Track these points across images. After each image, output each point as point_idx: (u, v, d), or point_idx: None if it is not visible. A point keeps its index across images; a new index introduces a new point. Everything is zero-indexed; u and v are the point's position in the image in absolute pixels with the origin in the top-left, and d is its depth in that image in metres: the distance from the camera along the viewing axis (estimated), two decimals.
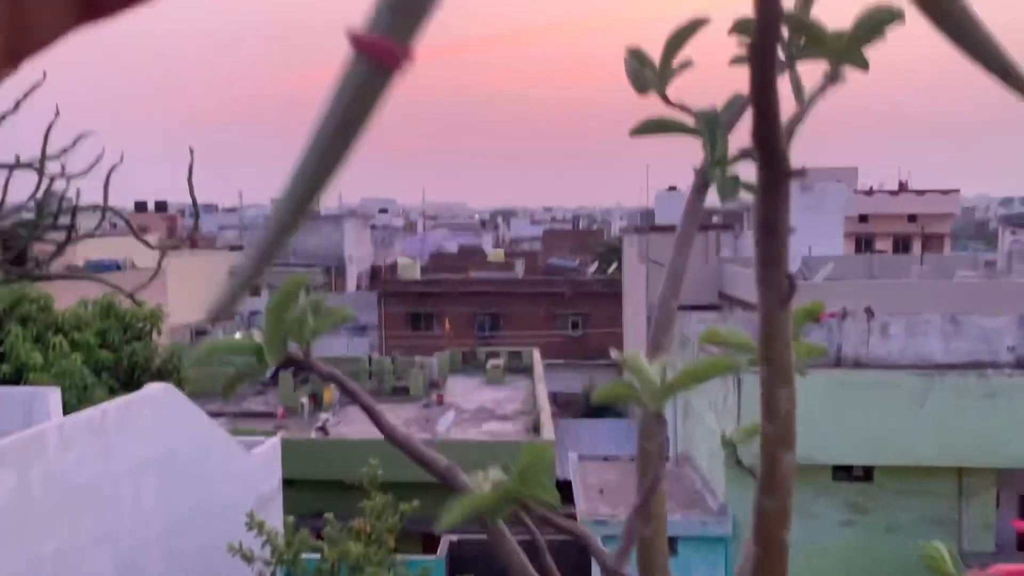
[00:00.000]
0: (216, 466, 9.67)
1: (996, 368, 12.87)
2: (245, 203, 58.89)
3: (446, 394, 20.62)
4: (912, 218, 33.86)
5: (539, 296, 30.80)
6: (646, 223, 29.87)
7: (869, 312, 14.00)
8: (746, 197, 0.86)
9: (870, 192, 35.68)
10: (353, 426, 17.38)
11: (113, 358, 12.13)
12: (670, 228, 22.42)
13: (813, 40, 0.63)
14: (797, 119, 0.63)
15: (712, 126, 0.79)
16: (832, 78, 0.63)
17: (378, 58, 0.33)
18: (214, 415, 14.49)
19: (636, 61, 0.77)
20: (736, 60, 0.68)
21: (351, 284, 36.02)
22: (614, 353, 0.74)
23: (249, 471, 10.34)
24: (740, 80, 0.53)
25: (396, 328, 29.98)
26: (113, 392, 11.15)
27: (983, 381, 11.65)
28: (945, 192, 35.53)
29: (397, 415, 18.61)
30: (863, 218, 33.88)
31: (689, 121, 0.80)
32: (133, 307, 11.49)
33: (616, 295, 28.47)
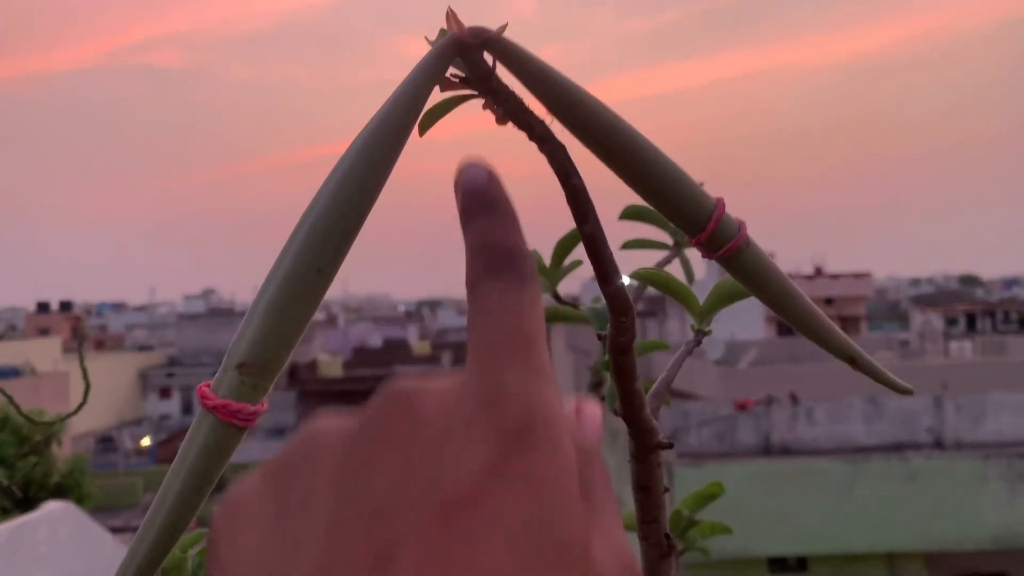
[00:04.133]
0: None
1: (916, 449, 13.12)
2: (157, 300, 57.42)
3: None
4: (829, 301, 35.04)
5: None
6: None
7: (794, 398, 14.19)
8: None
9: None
10: None
11: (6, 475, 11.34)
12: None
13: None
14: (664, 386, 0.68)
15: (602, 323, 0.79)
16: (697, 340, 0.69)
17: (226, 419, 0.37)
18: (118, 530, 13.64)
19: None
20: (626, 245, 0.79)
21: None
22: None
23: None
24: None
25: None
26: (6, 513, 10.38)
27: (905, 464, 11.82)
28: (858, 276, 36.99)
29: None
30: None
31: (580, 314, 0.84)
32: (29, 419, 10.83)
33: None
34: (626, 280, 0.96)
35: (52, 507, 8.99)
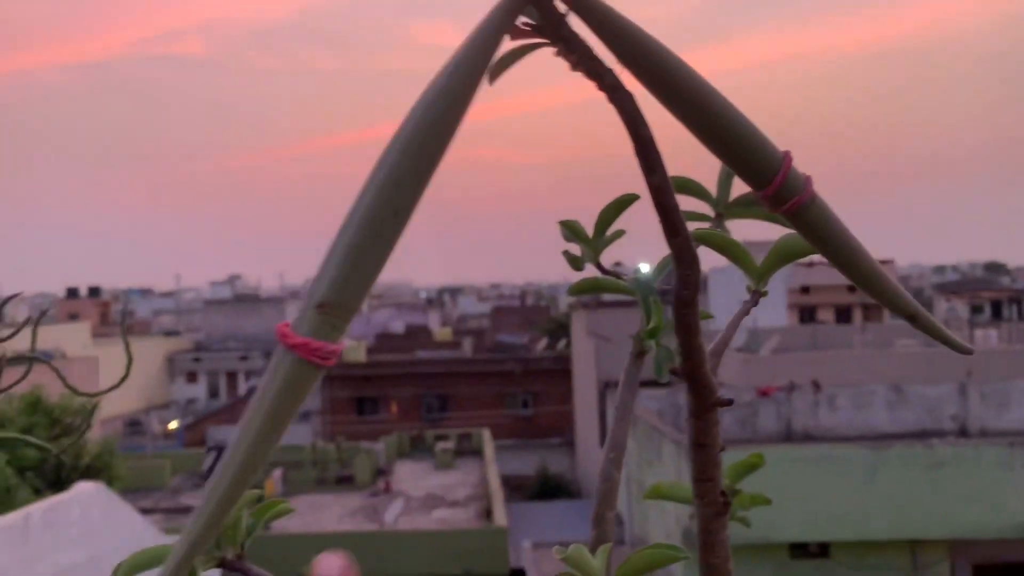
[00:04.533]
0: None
1: (941, 437, 13.00)
2: (183, 286, 57.90)
3: (394, 481, 20.07)
4: (852, 288, 34.72)
5: (488, 375, 30.53)
6: (594, 299, 30.11)
7: (816, 385, 14.11)
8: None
9: (811, 264, 36.64)
10: (295, 519, 16.74)
11: (39, 457, 11.53)
12: (617, 304, 22.60)
13: (742, 203, 0.73)
14: (723, 344, 0.69)
15: (645, 293, 0.78)
16: (754, 300, 0.69)
17: (307, 357, 0.37)
18: (147, 511, 13.81)
19: (569, 232, 0.80)
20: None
21: None
22: (557, 552, 0.66)
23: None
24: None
25: (340, 413, 29.30)
26: (39, 493, 10.55)
27: (929, 451, 11.72)
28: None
29: (342, 506, 18.00)
30: (805, 289, 34.62)
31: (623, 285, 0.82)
32: (62, 401, 10.97)
33: (566, 372, 28.36)
34: (645, 267, 0.96)
35: (84, 488, 9.15)
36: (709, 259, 0.83)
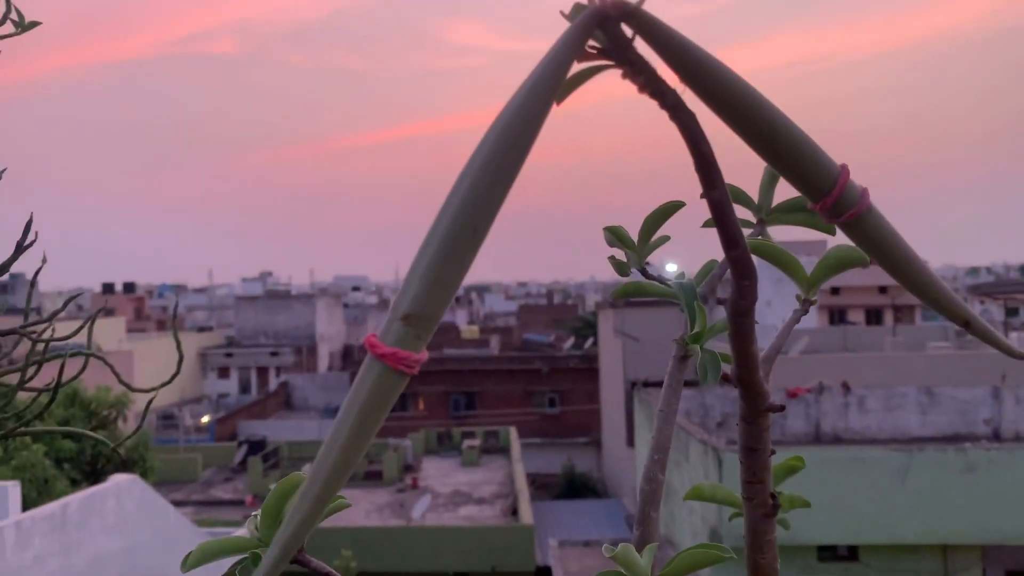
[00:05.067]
0: (181, 560, 9.27)
1: (974, 441, 12.83)
2: (215, 283, 58.48)
3: (421, 477, 20.17)
4: (883, 289, 34.31)
5: (515, 373, 30.56)
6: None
7: (846, 387, 13.97)
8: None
9: None
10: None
11: (76, 448, 11.73)
12: (644, 304, 22.52)
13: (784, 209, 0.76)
14: (775, 351, 0.70)
15: (690, 298, 0.80)
16: (804, 309, 0.70)
17: (394, 365, 0.39)
18: (179, 503, 14.00)
19: (614, 238, 0.82)
20: (707, 223, 0.76)
21: (323, 364, 35.54)
22: (606, 550, 0.68)
23: (215, 564, 9.92)
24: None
25: None
26: (76, 484, 10.74)
27: (962, 455, 11.57)
28: None
29: (370, 501, 18.12)
30: (835, 291, 34.27)
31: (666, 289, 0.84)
32: (97, 394, 11.14)
33: (593, 370, 28.31)
34: (673, 267, 0.98)
35: (119, 479, 9.31)
36: None
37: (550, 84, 0.45)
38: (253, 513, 0.79)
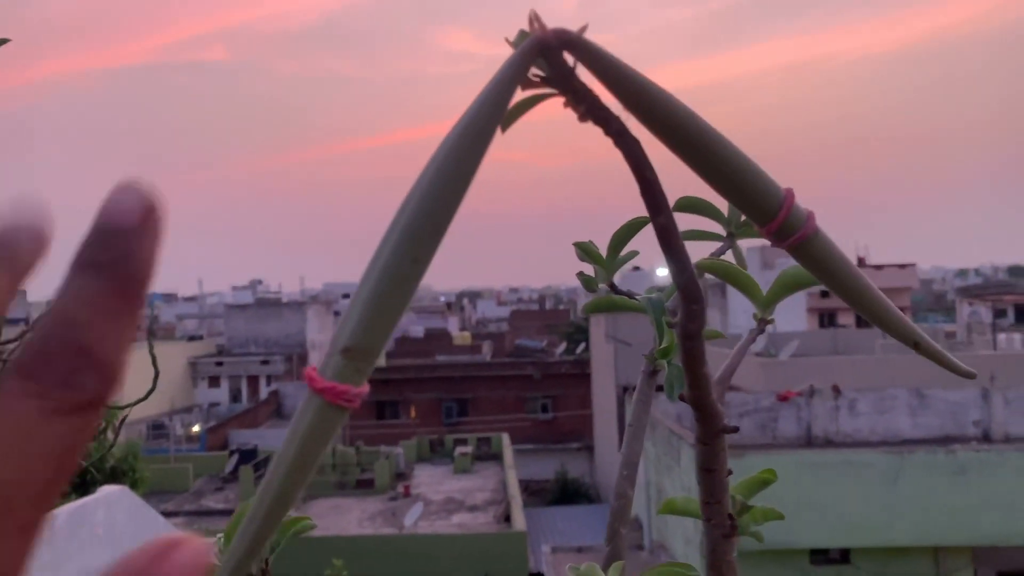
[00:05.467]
0: None
1: (964, 443, 12.88)
2: (205, 291, 58.33)
3: (413, 484, 20.13)
4: None
5: (507, 379, 30.56)
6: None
7: (836, 390, 14.02)
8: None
9: None
10: (316, 522, 16.81)
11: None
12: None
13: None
14: (729, 372, 0.71)
15: (658, 314, 0.80)
16: (760, 329, 0.72)
17: (333, 400, 0.39)
18: (170, 514, 13.94)
19: (582, 253, 0.84)
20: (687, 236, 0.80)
21: None
22: (570, 570, 0.68)
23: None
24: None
25: (360, 417, 29.45)
26: (64, 496, 10.67)
27: (952, 457, 11.62)
28: (902, 266, 36.31)
29: (362, 509, 18.07)
30: (824, 293, 34.37)
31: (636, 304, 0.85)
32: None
33: (585, 376, 28.33)
34: (663, 271, 0.98)
35: (109, 490, 9.23)
36: None
37: (492, 113, 0.45)
38: (217, 535, 0.78)
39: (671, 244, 0.49)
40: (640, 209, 0.84)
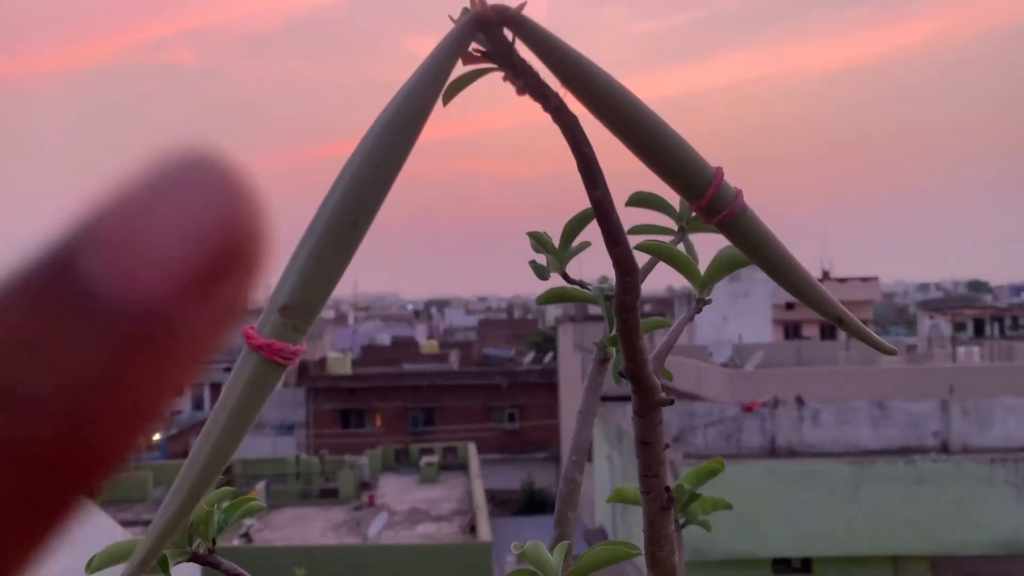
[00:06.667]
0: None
1: (923, 453, 13.08)
2: None
3: (378, 494, 19.99)
4: None
5: (475, 388, 30.48)
6: (580, 312, 30.11)
7: (800, 401, 14.17)
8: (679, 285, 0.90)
9: None
10: (279, 532, 16.64)
11: None
12: (603, 318, 22.65)
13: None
14: (667, 348, 0.74)
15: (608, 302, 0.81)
16: (697, 308, 0.74)
17: (270, 357, 0.39)
18: (129, 524, 13.69)
19: (537, 243, 0.86)
20: (632, 231, 0.81)
21: None
22: (515, 547, 0.69)
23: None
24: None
25: (325, 426, 29.18)
26: None
27: (911, 467, 11.80)
28: (866, 280, 36.85)
29: (326, 519, 17.91)
30: (790, 306, 34.76)
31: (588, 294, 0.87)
32: None
33: (553, 385, 28.35)
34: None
35: None
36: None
37: (431, 85, 0.46)
38: None
39: (606, 216, 0.51)
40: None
